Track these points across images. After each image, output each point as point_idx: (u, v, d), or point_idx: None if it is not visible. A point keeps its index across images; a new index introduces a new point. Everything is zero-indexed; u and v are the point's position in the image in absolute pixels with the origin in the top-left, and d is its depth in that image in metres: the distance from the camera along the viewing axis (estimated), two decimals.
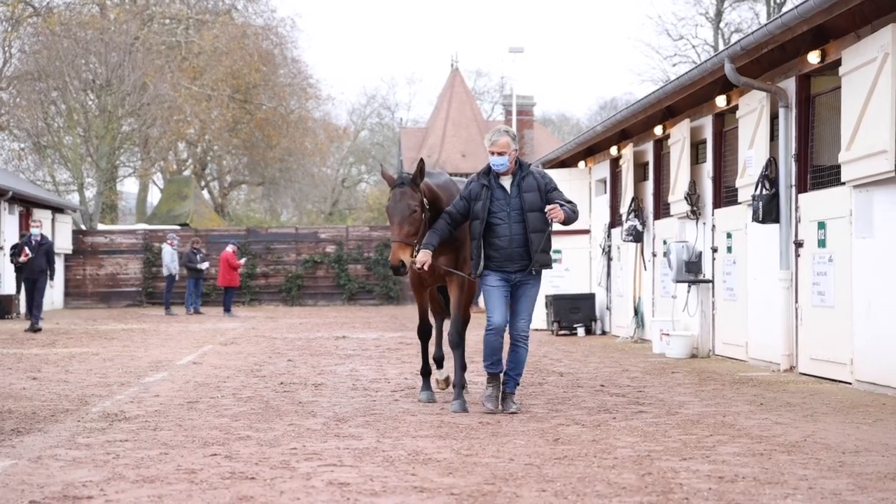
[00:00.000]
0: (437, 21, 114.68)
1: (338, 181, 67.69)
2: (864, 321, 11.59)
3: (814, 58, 12.71)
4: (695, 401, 10.73)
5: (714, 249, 16.28)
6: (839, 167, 12.07)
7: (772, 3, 52.62)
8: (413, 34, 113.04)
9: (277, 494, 6.26)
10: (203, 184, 57.97)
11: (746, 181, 14.44)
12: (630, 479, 6.61)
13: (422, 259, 9.70)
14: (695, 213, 16.76)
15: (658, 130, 18.61)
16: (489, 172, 9.85)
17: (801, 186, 13.46)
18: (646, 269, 19.49)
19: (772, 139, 14.10)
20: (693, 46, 57.37)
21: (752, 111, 14.32)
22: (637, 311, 19.70)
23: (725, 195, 16.10)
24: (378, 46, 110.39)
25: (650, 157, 19.55)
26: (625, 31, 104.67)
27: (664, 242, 18.13)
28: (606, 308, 22.30)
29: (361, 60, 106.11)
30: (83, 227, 41.37)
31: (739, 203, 15.05)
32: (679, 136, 17.20)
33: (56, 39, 43.05)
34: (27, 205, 33.88)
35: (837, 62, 12.15)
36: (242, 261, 33.43)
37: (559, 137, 63.06)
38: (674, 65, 57.26)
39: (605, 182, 22.54)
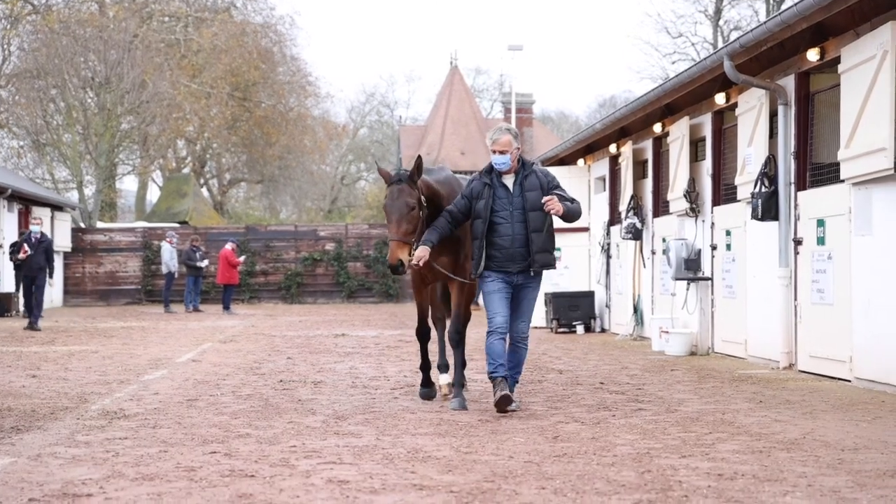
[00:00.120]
0: (437, 19, 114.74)
1: (337, 179, 67.68)
2: (864, 319, 11.60)
3: (813, 55, 12.71)
4: (694, 398, 10.74)
5: (713, 247, 16.29)
6: (838, 165, 12.08)
7: (771, 1, 52.62)
8: (412, 32, 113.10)
9: (277, 492, 6.26)
10: (202, 181, 57.95)
11: (746, 179, 14.44)
12: (629, 477, 6.61)
13: (419, 255, 9.53)
14: (694, 211, 16.77)
15: (657, 128, 18.62)
16: (491, 171, 9.74)
17: (801, 184, 13.46)
18: (645, 267, 19.50)
19: (771, 137, 14.10)
20: (692, 44, 57.37)
21: (752, 109, 14.32)
22: (636, 309, 19.70)
23: (725, 193, 16.10)
24: (377, 44, 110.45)
25: (649, 155, 19.56)
26: (624, 29, 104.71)
27: (663, 240, 18.12)
28: (606, 306, 22.31)
29: (360, 58, 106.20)
30: (82, 225, 41.38)
31: (739, 200, 15.05)
32: (678, 134, 17.20)
33: (55, 37, 43.05)
34: (26, 203, 33.88)
35: (837, 60, 12.15)
36: (242, 258, 33.44)
37: (558, 135, 63.06)
38: (673, 62, 57.27)
39: (605, 180, 22.54)
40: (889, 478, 6.57)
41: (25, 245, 23.26)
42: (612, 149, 21.38)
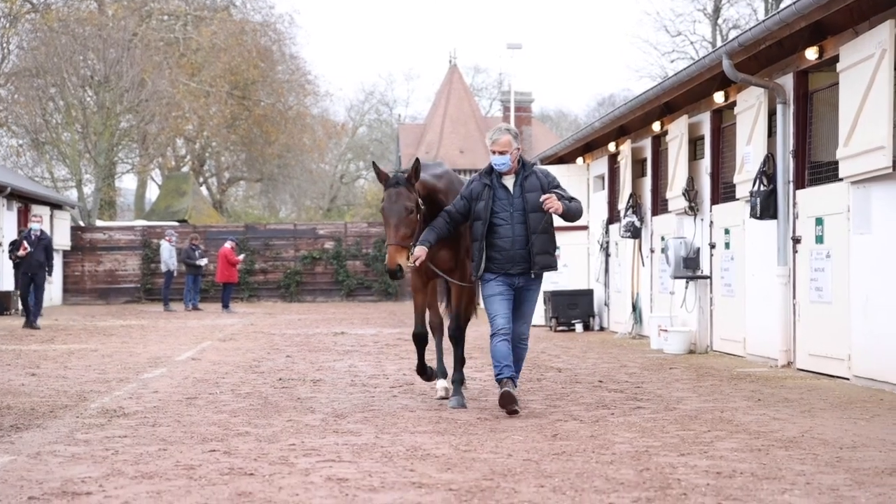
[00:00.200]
0: (436, 17, 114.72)
1: (336, 177, 67.67)
2: (862, 317, 11.60)
3: (811, 54, 12.71)
4: (693, 396, 10.74)
5: (712, 245, 16.29)
6: (837, 163, 12.08)
7: (769, 0, 52.62)
8: (411, 30, 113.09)
9: (276, 490, 6.26)
10: (201, 180, 57.94)
11: (744, 177, 14.44)
12: (628, 475, 6.61)
13: (417, 254, 9.40)
14: (693, 210, 16.77)
15: (656, 127, 18.62)
16: (491, 172, 9.58)
17: (799, 182, 13.46)
18: (644, 266, 19.50)
19: (770, 135, 14.10)
20: (691, 43, 57.37)
21: (750, 107, 14.32)
22: (635, 307, 19.70)
23: (723, 191, 16.10)
24: (376, 43, 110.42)
25: (648, 154, 19.55)
26: (623, 28, 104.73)
27: (662, 238, 18.13)
28: (604, 304, 22.31)
29: (360, 57, 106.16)
30: (82, 224, 41.38)
31: (737, 199, 15.05)
32: (677, 133, 17.20)
33: (54, 36, 43.05)
34: (26, 201, 33.88)
35: (835, 58, 12.15)
36: (241, 257, 33.43)
37: (557, 134, 63.06)
38: (672, 61, 57.26)
39: (604, 178, 22.54)
40: (887, 476, 6.57)
41: (25, 242, 23.27)
42: (611, 147, 21.38)
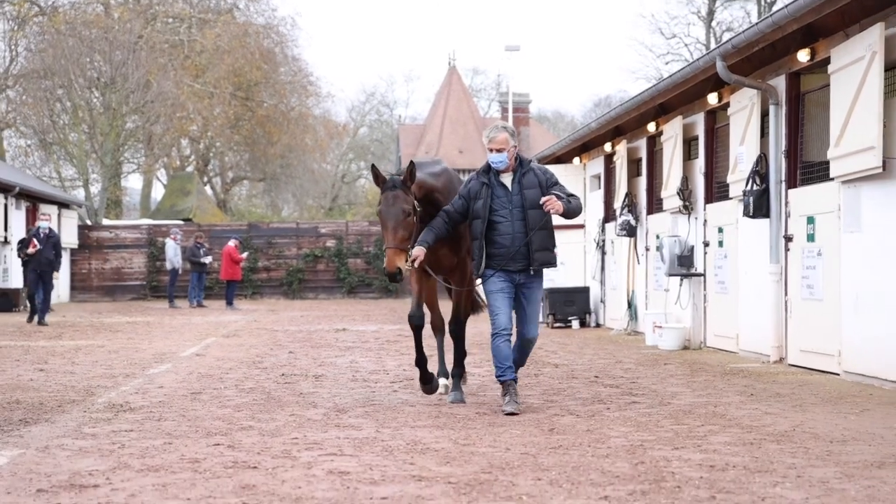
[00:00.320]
0: (435, 19, 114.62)
1: (337, 177, 67.65)
2: (852, 314, 11.61)
3: (803, 56, 12.72)
4: (687, 391, 10.75)
5: (706, 244, 16.30)
6: (828, 163, 12.08)
7: (762, 3, 52.62)
8: (411, 33, 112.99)
9: (279, 483, 6.27)
10: (205, 179, 57.93)
11: (737, 177, 14.45)
12: (623, 468, 6.62)
13: (415, 254, 9.21)
14: (687, 209, 16.78)
15: (651, 127, 18.62)
16: (489, 170, 9.40)
17: (791, 182, 13.47)
18: (639, 263, 19.51)
19: (762, 136, 14.11)
20: (685, 45, 57.40)
21: (743, 108, 14.33)
22: (630, 304, 19.71)
23: (717, 190, 16.11)
24: (377, 45, 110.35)
25: (643, 154, 19.56)
26: (619, 30, 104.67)
27: (657, 237, 18.14)
28: (601, 301, 22.32)
29: (360, 58, 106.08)
30: (88, 222, 41.37)
31: (731, 198, 15.06)
32: (672, 133, 17.21)
33: (61, 38, 43.04)
34: (34, 200, 33.89)
35: (826, 60, 12.16)
36: (244, 255, 33.44)
37: (554, 134, 63.02)
38: (666, 63, 57.30)
39: (600, 178, 22.55)
40: (876, 468, 6.58)
41: (35, 240, 23.29)
42: (607, 147, 21.38)
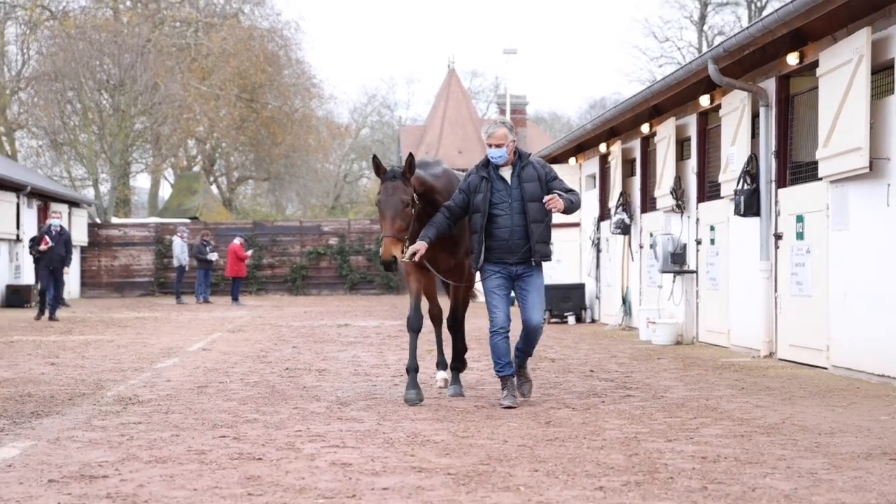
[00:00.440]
0: (435, 24, 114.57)
1: (340, 176, 67.59)
2: (840, 310, 11.62)
3: (793, 59, 12.72)
4: (679, 385, 10.75)
5: (698, 241, 16.30)
6: (817, 163, 12.08)
7: (753, 7, 52.62)
8: (411, 36, 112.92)
9: (283, 474, 6.27)
10: (212, 179, 57.90)
11: (729, 177, 14.45)
12: (618, 460, 6.62)
13: (415, 248, 9.02)
14: (680, 207, 16.78)
15: (645, 128, 18.62)
16: (488, 164, 9.22)
17: (781, 182, 13.47)
18: (633, 260, 19.51)
19: (753, 137, 14.11)
20: (678, 48, 57.42)
21: (735, 110, 14.33)
22: (625, 300, 19.71)
23: (709, 190, 16.11)
24: (378, 48, 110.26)
25: (637, 154, 19.56)
26: (613, 34, 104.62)
27: (651, 235, 18.14)
28: (596, 297, 22.32)
29: (362, 61, 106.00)
30: (98, 221, 41.38)
31: (722, 197, 15.06)
32: (665, 134, 17.21)
33: (72, 42, 43.03)
34: (45, 199, 33.89)
35: (815, 63, 12.16)
36: (249, 252, 33.43)
37: (551, 135, 63.01)
38: (660, 66, 57.32)
39: (595, 177, 22.54)
40: (863, 460, 6.59)
41: (47, 237, 23.29)
42: (602, 148, 21.38)
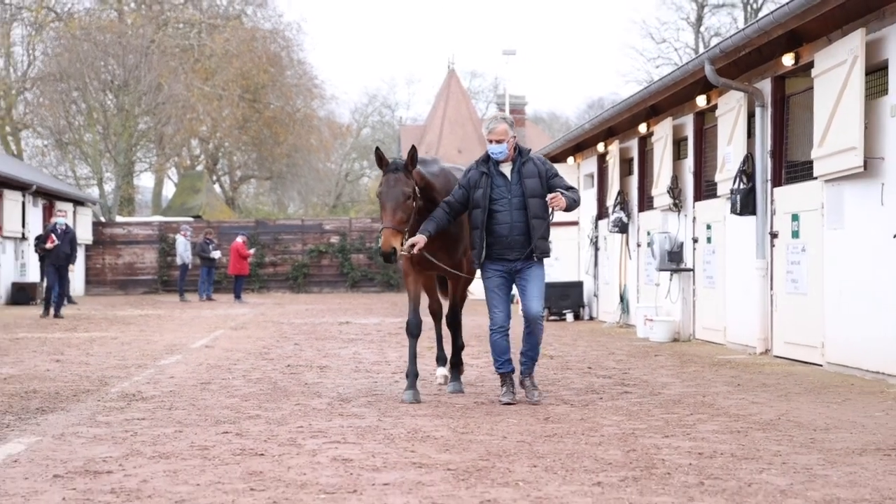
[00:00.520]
0: (435, 25, 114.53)
1: (341, 176, 67.58)
2: (835, 307, 11.61)
3: (788, 60, 12.71)
4: (676, 382, 10.75)
5: (695, 240, 16.30)
6: (812, 163, 12.08)
7: (749, 9, 52.62)
8: (412, 37, 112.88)
9: (285, 469, 6.27)
10: (214, 178, 57.88)
11: (725, 176, 14.44)
12: (616, 456, 6.62)
13: (414, 240, 8.85)
14: (677, 206, 16.77)
15: (642, 128, 18.61)
16: (488, 160, 9.09)
17: (777, 181, 13.47)
18: (631, 259, 19.51)
19: (749, 136, 14.10)
20: (675, 49, 57.40)
21: (731, 110, 14.32)
22: (622, 298, 19.71)
23: (705, 189, 16.10)
24: (379, 49, 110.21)
25: (635, 153, 19.55)
26: (611, 35, 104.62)
27: (648, 233, 18.14)
28: (594, 295, 22.32)
29: (363, 62, 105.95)
30: (102, 219, 41.39)
31: (718, 196, 15.06)
32: (662, 134, 17.20)
33: (76, 43, 43.02)
34: (50, 198, 33.89)
35: (810, 64, 12.15)
36: (252, 250, 33.42)
37: (549, 135, 62.98)
38: (657, 66, 57.31)
39: (593, 176, 22.54)
40: (857, 455, 6.58)
41: (53, 235, 23.27)
42: (600, 147, 21.37)
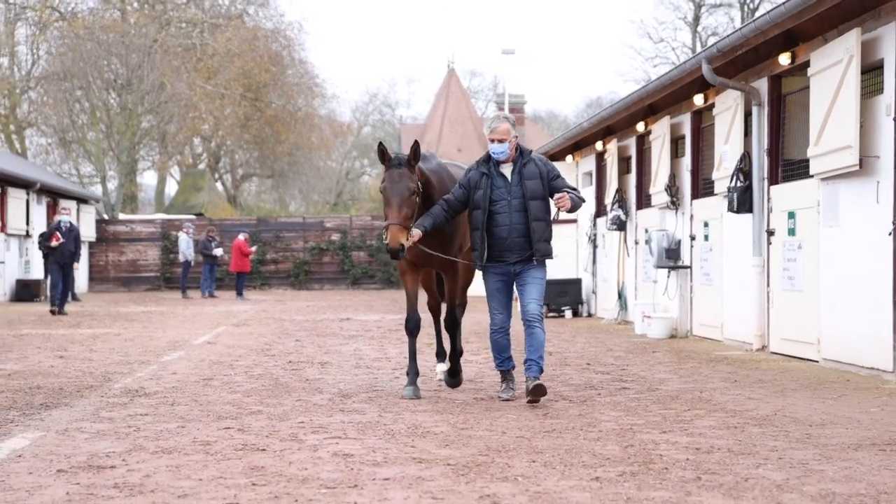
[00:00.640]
0: (435, 24, 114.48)
1: (342, 174, 67.59)
2: (831, 304, 11.61)
3: (784, 59, 12.71)
4: (674, 378, 10.75)
5: (692, 237, 16.30)
6: (808, 161, 12.08)
7: (746, 9, 52.59)
8: (412, 37, 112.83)
9: (286, 464, 6.27)
10: (217, 176, 57.88)
11: (722, 174, 14.44)
12: (614, 451, 6.62)
13: (412, 234, 8.73)
14: (674, 204, 16.77)
15: (640, 127, 18.61)
16: (489, 160, 8.90)
17: (773, 179, 13.47)
18: (629, 256, 19.51)
19: (746, 135, 14.10)
20: (672, 49, 57.36)
21: (728, 109, 14.32)
22: (620, 295, 19.71)
23: (703, 187, 16.10)
24: (379, 48, 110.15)
25: (633, 152, 19.55)
26: (610, 35, 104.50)
27: (646, 231, 18.14)
28: (592, 292, 22.32)
29: (364, 61, 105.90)
30: (106, 217, 41.38)
31: (716, 194, 15.05)
32: (660, 132, 17.20)
33: (80, 42, 42.99)
34: (54, 196, 33.89)
35: (806, 64, 12.15)
36: (253, 248, 33.42)
37: (548, 133, 62.96)
38: (655, 66, 57.25)
39: (591, 175, 22.54)
40: (853, 451, 6.58)
41: (57, 233, 23.27)
42: (599, 146, 21.37)
